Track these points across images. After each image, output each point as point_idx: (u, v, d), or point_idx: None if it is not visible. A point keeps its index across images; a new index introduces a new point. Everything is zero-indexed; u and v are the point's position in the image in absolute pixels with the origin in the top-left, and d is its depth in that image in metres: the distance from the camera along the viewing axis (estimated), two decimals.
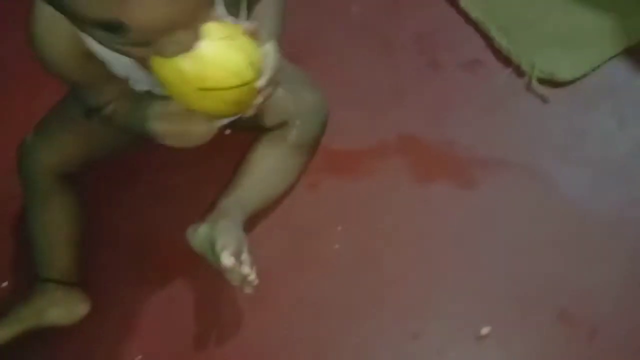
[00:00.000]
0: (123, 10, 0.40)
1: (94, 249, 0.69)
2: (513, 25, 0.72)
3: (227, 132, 0.72)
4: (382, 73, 0.75)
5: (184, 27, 0.44)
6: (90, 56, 0.53)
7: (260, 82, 0.50)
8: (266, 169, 0.67)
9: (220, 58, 0.47)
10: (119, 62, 0.54)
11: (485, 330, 0.59)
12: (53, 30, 0.51)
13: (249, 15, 0.59)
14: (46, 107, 0.67)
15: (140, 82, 0.57)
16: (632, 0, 0.71)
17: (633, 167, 0.65)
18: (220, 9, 0.54)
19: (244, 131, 0.68)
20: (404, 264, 0.64)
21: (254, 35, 0.50)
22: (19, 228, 0.72)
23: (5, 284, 0.71)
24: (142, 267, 0.69)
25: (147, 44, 0.44)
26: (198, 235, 0.60)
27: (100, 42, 0.44)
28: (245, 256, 0.57)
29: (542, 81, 0.68)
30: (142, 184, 0.73)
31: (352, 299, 0.63)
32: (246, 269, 0.56)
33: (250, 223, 0.65)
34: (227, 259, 0.55)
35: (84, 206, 0.68)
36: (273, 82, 0.53)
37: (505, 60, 0.72)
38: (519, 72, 0.70)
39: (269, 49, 0.53)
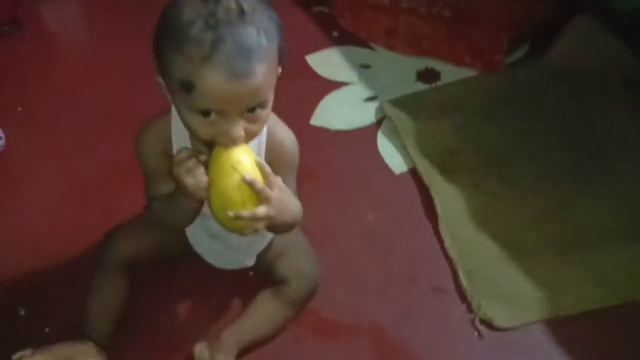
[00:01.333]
0: (196, 74, 0.63)
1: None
2: (475, 272, 0.97)
3: (250, 273, 0.97)
4: (374, 271, 1.00)
5: (241, 107, 0.66)
6: (166, 154, 0.78)
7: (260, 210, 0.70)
8: (264, 316, 0.90)
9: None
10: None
11: None
12: (150, 133, 0.78)
13: None
14: None
15: None
16: (568, 281, 0.96)
17: None
18: None
19: (261, 275, 0.94)
20: None
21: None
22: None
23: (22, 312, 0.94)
24: None
25: (209, 113, 0.66)
26: (201, 355, 0.84)
27: (179, 108, 0.68)
28: None
29: (483, 322, 0.93)
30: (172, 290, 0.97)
31: None
32: None
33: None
34: None
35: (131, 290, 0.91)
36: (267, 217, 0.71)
37: (461, 294, 0.97)
38: (470, 308, 0.95)
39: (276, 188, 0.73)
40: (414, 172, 1.14)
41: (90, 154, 1.18)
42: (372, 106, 1.26)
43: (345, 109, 1.26)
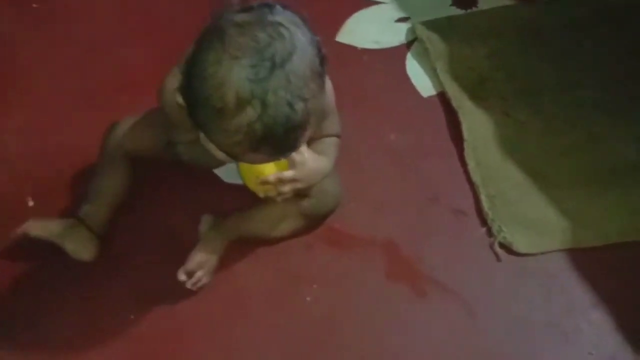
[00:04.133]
0: (241, 155, 0.65)
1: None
2: (498, 198, 0.94)
3: None
4: (392, 190, 0.97)
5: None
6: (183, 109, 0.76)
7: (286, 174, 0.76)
8: (274, 214, 0.87)
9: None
10: None
11: None
12: (169, 88, 0.74)
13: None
14: None
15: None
16: (596, 213, 0.92)
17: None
18: None
19: None
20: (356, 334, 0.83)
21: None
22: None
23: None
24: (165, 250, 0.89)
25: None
26: (203, 224, 0.88)
27: (201, 125, 0.65)
28: (199, 273, 0.83)
29: (502, 246, 0.89)
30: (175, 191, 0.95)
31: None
32: (182, 277, 0.82)
33: (244, 258, 0.88)
34: (181, 275, 0.82)
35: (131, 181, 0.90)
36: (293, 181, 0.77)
37: (482, 218, 0.93)
38: (490, 232, 0.91)
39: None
40: (441, 96, 1.08)
41: (106, 56, 1.13)
42: (403, 27, 1.20)
43: (374, 27, 1.20)
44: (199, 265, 0.83)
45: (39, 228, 0.85)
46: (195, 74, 0.60)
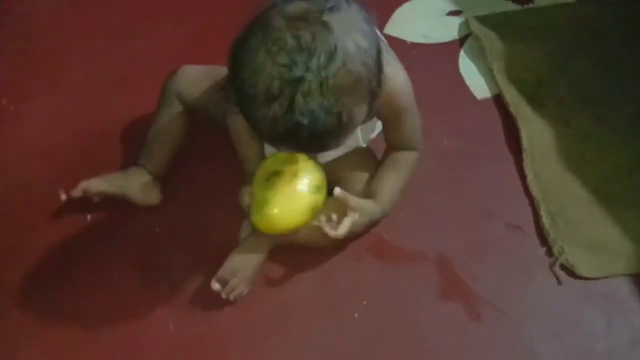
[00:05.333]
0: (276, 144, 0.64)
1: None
2: (559, 215, 0.87)
3: None
4: (444, 200, 0.91)
5: None
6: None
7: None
8: (316, 226, 0.79)
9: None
10: None
11: None
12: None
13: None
14: None
15: None
16: None
17: None
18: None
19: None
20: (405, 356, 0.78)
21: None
22: None
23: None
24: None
25: None
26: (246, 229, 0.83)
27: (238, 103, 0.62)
28: (234, 281, 0.77)
29: (564, 268, 0.84)
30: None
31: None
32: (215, 286, 0.77)
33: (288, 268, 0.82)
34: (214, 283, 0.77)
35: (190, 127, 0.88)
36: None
37: (541, 236, 0.87)
38: (550, 252, 0.85)
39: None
40: (497, 100, 1.02)
41: (145, 35, 1.08)
42: (455, 21, 1.12)
43: (424, 20, 1.12)
44: (232, 272, 0.78)
45: (100, 183, 0.83)
46: (236, 54, 0.59)
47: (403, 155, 0.82)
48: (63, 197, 0.83)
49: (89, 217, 0.87)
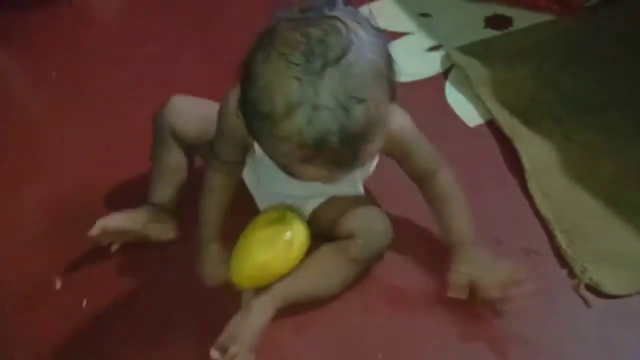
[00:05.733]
0: (296, 167, 0.58)
1: None
2: (574, 232, 0.83)
3: None
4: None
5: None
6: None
7: None
8: (320, 270, 0.78)
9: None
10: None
11: None
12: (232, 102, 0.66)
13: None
14: None
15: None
16: None
17: None
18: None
19: (322, 236, 0.80)
20: None
21: None
22: None
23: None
24: None
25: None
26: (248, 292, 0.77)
27: (255, 135, 0.59)
28: (234, 348, 0.71)
29: (589, 288, 0.78)
30: None
31: None
32: (214, 355, 0.71)
33: (292, 328, 0.77)
34: (213, 352, 0.71)
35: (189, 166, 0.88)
36: None
37: (559, 257, 0.82)
38: (572, 273, 0.80)
39: None
40: (491, 125, 0.99)
41: (124, 117, 1.10)
42: (436, 56, 1.12)
43: (406, 60, 1.07)
44: (232, 338, 0.73)
45: (116, 219, 0.82)
46: (245, 76, 0.56)
47: (438, 186, 0.80)
48: (59, 284, 0.82)
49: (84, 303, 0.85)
